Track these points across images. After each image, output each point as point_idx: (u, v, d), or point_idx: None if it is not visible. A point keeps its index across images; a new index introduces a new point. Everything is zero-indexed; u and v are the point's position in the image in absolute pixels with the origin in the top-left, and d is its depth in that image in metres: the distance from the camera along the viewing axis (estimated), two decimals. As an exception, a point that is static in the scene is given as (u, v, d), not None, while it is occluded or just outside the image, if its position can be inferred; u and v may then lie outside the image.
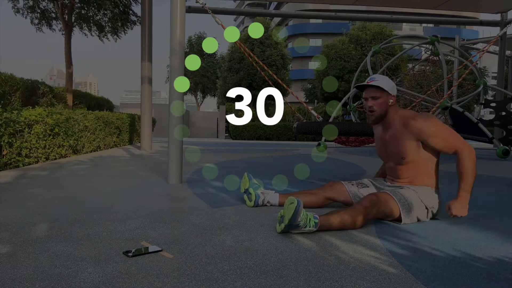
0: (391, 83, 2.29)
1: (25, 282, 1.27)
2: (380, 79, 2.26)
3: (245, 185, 2.57)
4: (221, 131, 16.99)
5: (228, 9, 10.52)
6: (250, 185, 2.54)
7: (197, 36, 31.93)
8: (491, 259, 1.61)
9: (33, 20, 10.78)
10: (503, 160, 6.83)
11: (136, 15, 11.40)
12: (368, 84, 2.26)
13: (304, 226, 1.84)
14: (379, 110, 2.27)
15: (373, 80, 2.27)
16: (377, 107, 2.26)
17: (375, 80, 2.27)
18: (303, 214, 1.84)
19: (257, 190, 2.52)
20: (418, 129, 2.17)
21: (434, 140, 2.16)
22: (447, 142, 2.17)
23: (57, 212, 2.23)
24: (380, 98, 2.25)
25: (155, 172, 4.19)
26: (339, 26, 34.96)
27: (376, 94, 2.25)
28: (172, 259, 1.52)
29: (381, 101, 2.25)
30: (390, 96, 2.27)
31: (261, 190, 2.53)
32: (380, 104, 2.26)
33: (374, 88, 2.26)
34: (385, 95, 2.26)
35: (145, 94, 7.44)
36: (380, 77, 2.28)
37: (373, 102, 2.26)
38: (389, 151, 2.32)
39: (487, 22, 10.57)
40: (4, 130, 4.04)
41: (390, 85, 2.27)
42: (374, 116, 2.29)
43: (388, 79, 2.30)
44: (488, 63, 33.39)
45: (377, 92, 2.25)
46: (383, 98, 2.25)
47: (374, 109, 2.27)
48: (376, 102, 2.26)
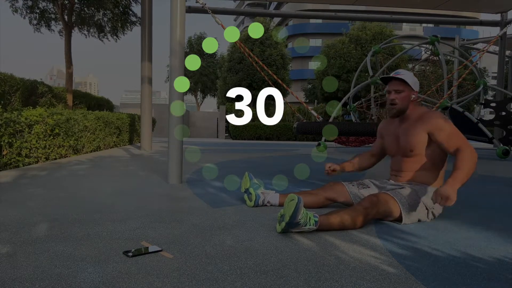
0: (415, 79, 2.34)
1: (25, 282, 1.27)
2: (405, 74, 2.31)
3: (245, 185, 2.57)
4: (221, 131, 16.99)
5: (228, 9, 10.52)
6: (250, 185, 2.54)
7: (197, 36, 31.94)
8: (491, 259, 1.61)
9: (31, 20, 10.77)
10: (503, 160, 6.83)
11: (136, 15, 11.40)
12: (393, 76, 2.31)
13: (304, 224, 1.83)
14: (401, 103, 2.31)
15: (399, 74, 2.31)
16: (399, 100, 2.31)
17: (400, 74, 2.31)
18: (303, 212, 1.83)
19: (258, 190, 2.52)
20: (428, 121, 2.22)
21: (439, 134, 2.19)
22: (451, 139, 2.18)
23: (57, 212, 2.23)
24: (403, 92, 2.30)
25: (155, 172, 4.19)
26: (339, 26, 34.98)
27: (400, 88, 2.30)
28: (172, 259, 1.52)
29: (404, 95, 2.30)
30: (412, 91, 2.31)
31: (262, 190, 2.53)
32: (402, 98, 2.30)
33: (398, 81, 2.30)
34: (408, 90, 2.31)
35: (145, 94, 7.44)
36: (406, 72, 2.33)
37: (396, 96, 2.31)
38: (400, 144, 2.35)
39: (487, 22, 10.57)
40: (4, 130, 4.04)
41: (414, 81, 2.32)
42: (396, 109, 2.33)
43: (412, 75, 2.33)
44: (488, 63, 33.39)
45: (401, 85, 2.30)
46: (406, 92, 2.30)
47: (396, 102, 2.31)
48: (399, 96, 2.30)
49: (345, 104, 9.56)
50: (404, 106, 2.32)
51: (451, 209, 2.57)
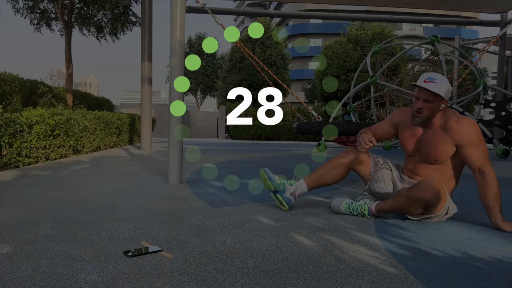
0: (449, 86, 2.12)
1: (25, 282, 1.27)
2: (439, 82, 2.08)
3: (268, 187, 2.37)
4: (221, 131, 16.99)
5: (228, 9, 10.52)
6: (275, 188, 2.36)
7: (197, 36, 31.93)
8: (491, 259, 1.61)
9: (32, 20, 10.77)
10: (503, 160, 6.83)
11: (136, 16, 11.40)
12: (425, 88, 2.08)
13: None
14: (428, 113, 2.12)
15: (432, 82, 2.08)
16: (427, 110, 2.11)
17: (434, 82, 2.08)
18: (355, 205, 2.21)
19: (285, 193, 2.35)
20: (459, 133, 2.07)
21: (470, 150, 2.07)
22: (479, 158, 2.07)
23: (57, 212, 2.23)
24: (433, 103, 2.10)
25: (155, 172, 4.18)
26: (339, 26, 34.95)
27: (430, 98, 2.09)
28: (172, 259, 1.52)
29: (433, 105, 2.10)
30: (443, 101, 2.11)
31: (289, 190, 2.35)
32: (431, 108, 2.11)
33: (429, 92, 2.08)
34: (438, 100, 2.10)
35: (145, 94, 7.44)
36: (440, 79, 2.09)
37: (424, 105, 2.11)
38: (422, 150, 2.20)
39: (487, 22, 10.57)
40: (4, 130, 4.04)
41: (448, 90, 2.10)
42: (421, 119, 2.15)
43: (447, 81, 2.12)
44: (488, 63, 33.39)
45: (431, 96, 2.08)
46: (435, 103, 2.10)
47: (423, 112, 2.12)
48: (427, 106, 2.10)
49: (345, 104, 9.56)
50: (430, 116, 2.13)
51: (451, 209, 2.57)
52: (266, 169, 2.39)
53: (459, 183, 2.28)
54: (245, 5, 59.69)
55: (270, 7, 52.24)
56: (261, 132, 16.05)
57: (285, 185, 2.38)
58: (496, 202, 2.05)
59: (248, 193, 3.01)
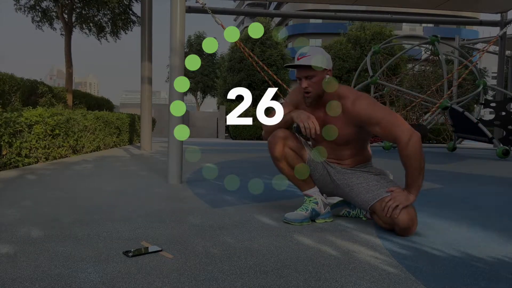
0: (326, 54, 2.00)
1: (25, 282, 1.27)
2: (312, 53, 1.96)
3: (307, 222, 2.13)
4: (221, 131, 16.98)
5: (228, 9, 10.53)
6: (310, 219, 2.14)
7: (197, 35, 31.92)
8: (491, 259, 1.61)
9: (34, 18, 10.78)
10: (503, 160, 6.83)
11: (136, 15, 11.40)
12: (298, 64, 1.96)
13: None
14: (315, 90, 1.99)
15: (304, 56, 1.96)
16: (312, 87, 1.98)
17: (306, 55, 1.96)
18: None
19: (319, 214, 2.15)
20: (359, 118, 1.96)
21: (373, 127, 1.94)
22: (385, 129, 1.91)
23: (57, 212, 2.23)
24: (314, 77, 1.97)
25: (155, 172, 4.18)
26: (339, 26, 34.98)
27: (310, 74, 1.97)
28: (172, 259, 1.52)
29: (316, 79, 1.98)
30: (325, 71, 1.99)
31: (320, 208, 2.15)
32: (315, 83, 1.98)
33: (306, 67, 1.96)
34: (319, 72, 1.97)
35: (145, 94, 7.44)
36: (312, 50, 1.98)
37: (307, 82, 1.98)
38: (329, 134, 2.08)
39: (487, 22, 10.58)
40: (4, 130, 4.04)
41: (323, 58, 1.97)
42: (311, 98, 2.01)
43: (321, 50, 2.00)
44: (488, 63, 33.40)
45: (310, 70, 1.97)
46: (318, 76, 1.98)
47: (309, 90, 1.99)
48: (311, 82, 1.98)
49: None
50: (319, 91, 1.99)
51: (451, 209, 2.57)
52: (289, 218, 2.10)
53: (459, 183, 2.28)
54: (245, 5, 59.69)
55: (270, 7, 52.28)
56: (261, 132, 16.04)
57: (312, 207, 2.15)
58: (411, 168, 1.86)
59: (248, 193, 3.01)
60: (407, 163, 1.88)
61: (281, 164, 2.16)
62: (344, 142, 2.08)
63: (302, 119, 1.99)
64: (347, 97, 2.00)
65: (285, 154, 2.12)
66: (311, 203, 2.14)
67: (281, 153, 2.11)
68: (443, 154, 8.09)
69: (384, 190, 1.98)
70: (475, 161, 6.65)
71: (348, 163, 2.15)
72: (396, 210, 1.86)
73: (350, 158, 2.14)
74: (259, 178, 3.84)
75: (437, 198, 2.96)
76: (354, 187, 2.10)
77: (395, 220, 1.86)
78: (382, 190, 1.99)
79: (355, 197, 2.09)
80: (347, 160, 2.15)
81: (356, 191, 2.08)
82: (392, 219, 1.87)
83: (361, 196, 2.05)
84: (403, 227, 1.86)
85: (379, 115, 1.92)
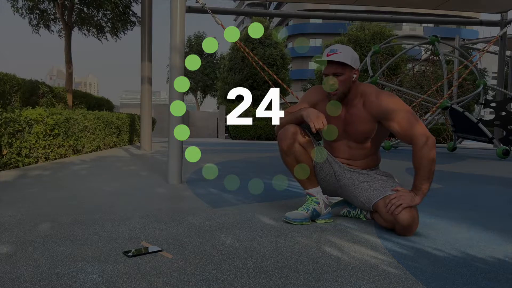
0: (355, 54, 2.02)
1: (25, 282, 1.27)
2: (343, 51, 1.98)
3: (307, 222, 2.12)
4: (221, 131, 16.98)
5: (228, 9, 10.54)
6: (310, 219, 2.13)
7: (197, 36, 31.92)
8: (491, 259, 1.61)
9: (31, 21, 10.76)
10: (503, 160, 6.83)
11: (136, 15, 11.40)
12: (330, 60, 1.98)
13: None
14: (342, 88, 2.00)
15: (335, 53, 1.97)
16: (339, 85, 2.00)
17: (337, 52, 1.97)
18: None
19: (320, 214, 2.14)
20: (374, 106, 1.99)
21: (392, 124, 1.96)
22: (402, 127, 1.93)
23: (57, 212, 2.23)
24: (343, 75, 1.99)
25: (155, 172, 4.18)
26: (339, 26, 35.00)
27: (338, 71, 1.98)
28: (172, 259, 1.52)
29: (343, 78, 1.99)
30: (353, 70, 2.00)
31: (321, 209, 2.14)
32: (343, 81, 1.99)
33: (336, 64, 1.98)
34: (348, 71, 1.99)
35: (145, 94, 7.44)
36: (343, 48, 2.00)
37: (335, 79, 2.00)
38: (349, 131, 2.09)
39: (487, 22, 10.58)
40: (4, 130, 4.04)
41: (354, 58, 2.00)
42: (337, 96, 2.03)
43: (351, 50, 2.02)
44: (488, 63, 33.40)
45: (339, 68, 1.98)
46: (346, 75, 1.99)
47: (336, 87, 2.00)
48: (338, 80, 1.99)
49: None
50: (345, 90, 2.01)
51: (451, 209, 2.57)
52: (290, 218, 2.09)
53: (459, 183, 2.28)
54: (245, 5, 59.69)
55: (270, 7, 52.28)
56: (261, 132, 16.04)
57: (313, 207, 2.13)
58: (421, 171, 1.88)
59: (248, 193, 3.01)
60: (418, 165, 1.89)
61: (288, 159, 2.16)
62: (362, 139, 2.08)
63: (311, 118, 1.97)
64: (371, 92, 2.03)
65: (294, 149, 2.12)
66: (313, 203, 2.14)
67: (290, 147, 2.11)
68: (443, 154, 8.08)
69: (389, 189, 2.00)
70: (475, 161, 6.65)
71: (358, 165, 2.16)
72: (399, 208, 1.87)
73: (362, 160, 2.15)
74: (259, 178, 3.84)
75: (437, 198, 2.95)
76: (359, 185, 2.11)
77: (396, 218, 1.87)
78: (387, 189, 2.01)
79: (359, 196, 2.09)
80: (358, 161, 2.15)
81: (360, 189, 2.10)
82: (394, 216, 1.88)
83: (366, 194, 2.06)
84: (404, 225, 1.86)
85: (400, 111, 1.94)
